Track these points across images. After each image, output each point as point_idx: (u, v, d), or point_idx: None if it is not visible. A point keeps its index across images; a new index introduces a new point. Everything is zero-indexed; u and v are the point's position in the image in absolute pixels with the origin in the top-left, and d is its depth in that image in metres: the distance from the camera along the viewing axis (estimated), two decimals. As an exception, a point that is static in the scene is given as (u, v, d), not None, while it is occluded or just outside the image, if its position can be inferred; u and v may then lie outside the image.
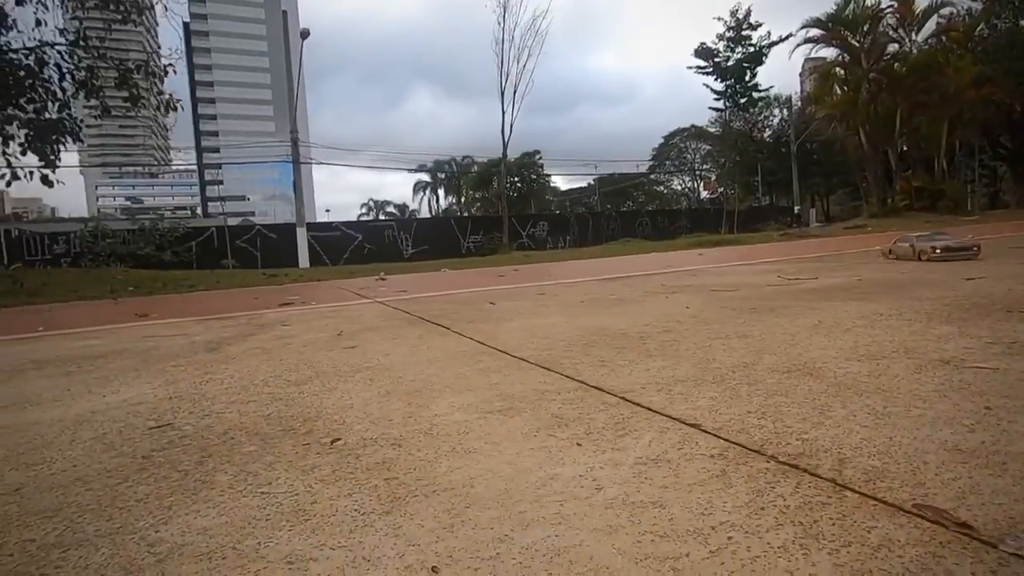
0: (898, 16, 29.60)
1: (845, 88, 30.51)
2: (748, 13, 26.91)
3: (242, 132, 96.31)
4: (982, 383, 2.51)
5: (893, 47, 30.54)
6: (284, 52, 27.56)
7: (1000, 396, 2.33)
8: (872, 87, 29.13)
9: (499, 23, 25.37)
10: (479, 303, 6.84)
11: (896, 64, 29.77)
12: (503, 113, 26.52)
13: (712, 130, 51.34)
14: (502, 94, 26.09)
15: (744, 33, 26.96)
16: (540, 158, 48.22)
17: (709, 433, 2.13)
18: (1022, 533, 1.35)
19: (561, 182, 75.42)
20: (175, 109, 16.48)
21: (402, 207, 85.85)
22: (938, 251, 6.79)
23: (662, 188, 70.78)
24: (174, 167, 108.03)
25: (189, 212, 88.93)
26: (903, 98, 28.45)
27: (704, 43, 27.55)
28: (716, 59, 27.71)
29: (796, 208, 40.83)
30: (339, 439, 2.34)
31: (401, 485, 1.86)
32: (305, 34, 27.32)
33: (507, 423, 2.40)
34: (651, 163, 66.53)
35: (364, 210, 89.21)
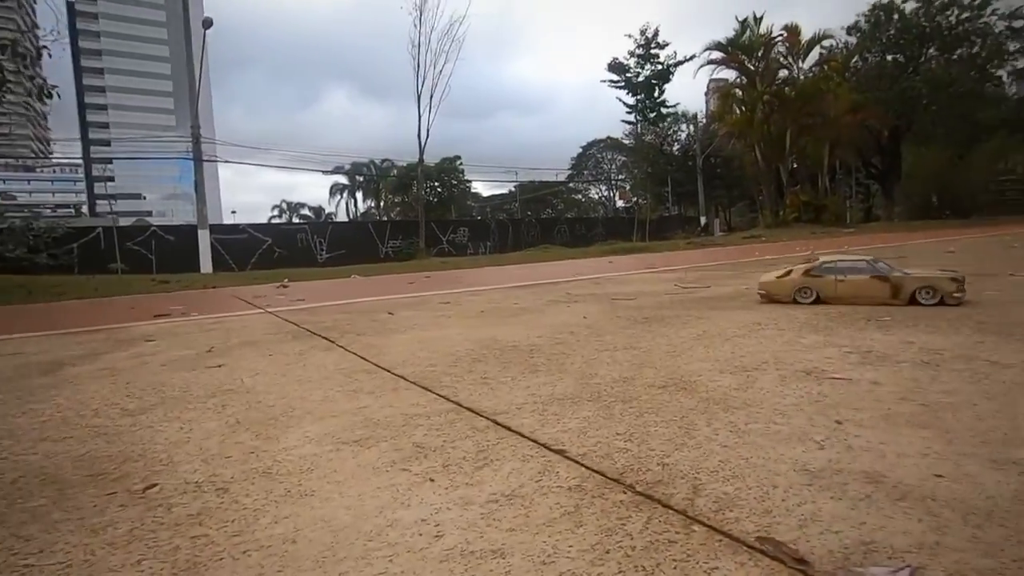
0: (787, 45, 32.43)
1: (743, 108, 32.92)
2: (656, 33, 28.51)
3: (138, 125, 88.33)
4: (836, 395, 2.60)
5: (784, 73, 33.40)
6: (185, 41, 25.33)
7: (850, 408, 2.40)
8: (766, 108, 31.64)
9: (415, 26, 24.96)
10: (377, 313, 6.50)
11: (787, 88, 32.52)
12: (419, 117, 26.10)
13: (626, 142, 53.71)
14: (418, 98, 25.71)
15: (653, 51, 28.47)
16: (461, 163, 47.99)
17: (572, 460, 2.01)
18: (853, 567, 1.31)
19: (483, 188, 75.54)
20: (50, 96, 14.71)
21: (318, 210, 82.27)
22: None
23: (580, 196, 72.89)
24: (55, 160, 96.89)
25: (73, 211, 79.79)
26: (792, 120, 31.12)
27: (616, 58, 28.81)
28: (627, 74, 29.00)
29: (702, 219, 43.44)
30: (155, 485, 1.99)
31: (209, 545, 1.57)
32: (207, 23, 25.42)
33: (360, 456, 2.16)
34: (570, 172, 68.39)
35: (276, 212, 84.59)
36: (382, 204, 66.87)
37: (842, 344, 3.66)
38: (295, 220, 72.93)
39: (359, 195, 72.88)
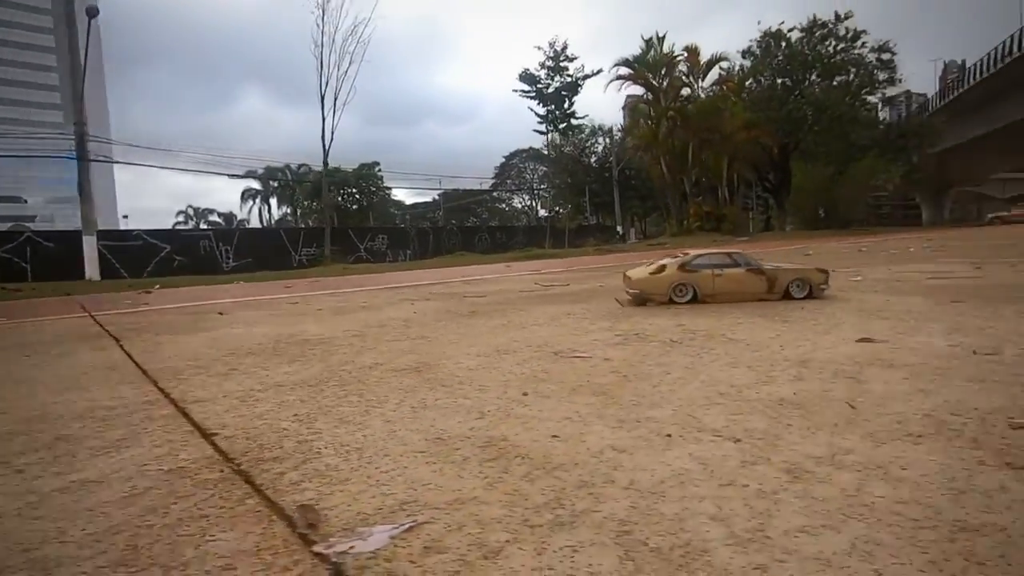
0: (688, 64, 34.48)
1: (649, 122, 34.57)
2: (565, 46, 29.53)
3: (20, 120, 79.90)
4: (559, 371, 2.62)
5: (686, 91, 35.41)
6: (68, 30, 23.05)
7: (555, 383, 2.42)
8: (670, 123, 33.36)
9: (318, 26, 24.23)
10: (209, 314, 6.08)
11: (689, 105, 34.49)
12: (323, 120, 25.29)
13: (547, 153, 54.89)
14: (322, 100, 24.91)
15: (562, 64, 29.36)
16: (380, 170, 47.05)
17: (211, 440, 1.86)
18: (359, 528, 1.24)
19: (407, 196, 74.53)
20: None
21: (228, 216, 77.83)
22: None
23: (504, 206, 73.50)
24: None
25: (-63, 215, 70.74)
26: (693, 135, 33.00)
27: (527, 69, 29.51)
28: (539, 85, 29.73)
29: (619, 228, 45.04)
30: None
31: None
32: (92, 11, 23.42)
33: (-20, 450, 1.90)
34: (493, 181, 68.88)
35: (181, 218, 79.20)
36: (298, 211, 64.33)
37: (622, 328, 3.76)
38: (202, 226, 68.57)
39: (273, 201, 69.67)
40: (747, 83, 36.99)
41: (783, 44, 36.14)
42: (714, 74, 36.19)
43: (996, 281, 5.72)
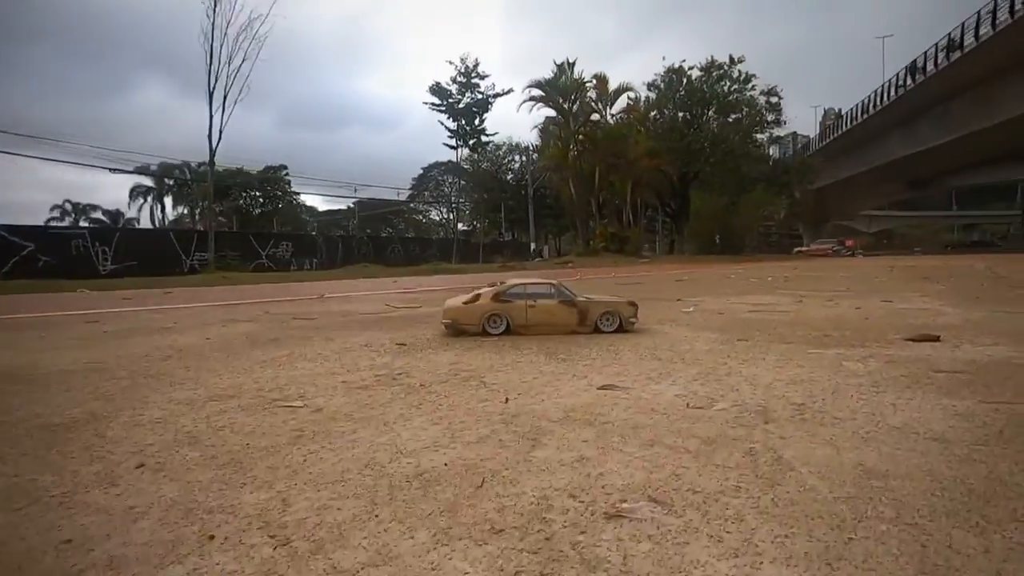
0: (597, 91, 35.87)
1: (559, 144, 35.50)
2: (476, 63, 29.71)
3: None
4: (243, 424, 2.33)
5: (595, 116, 36.76)
6: None
7: (255, 437, 2.11)
8: (579, 146, 34.38)
9: (208, 16, 22.58)
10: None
11: (597, 131, 35.80)
12: (210, 117, 23.57)
13: (465, 166, 54.91)
14: (209, 96, 23.22)
15: (474, 81, 29.50)
16: (287, 173, 44.84)
17: None
18: None
19: (321, 203, 71.63)
20: None
21: (115, 214, 70.80)
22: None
23: (421, 217, 72.56)
24: None
25: None
26: (601, 159, 34.24)
27: (438, 82, 29.36)
28: (449, 99, 29.62)
29: (533, 244, 45.71)
30: None
31: None
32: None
33: None
34: (410, 192, 67.83)
35: (57, 214, 71.09)
36: (196, 212, 59.88)
37: (393, 366, 3.53)
38: (82, 224, 61.96)
39: (168, 200, 64.35)
40: (651, 114, 39.04)
41: (684, 80, 38.53)
42: (622, 102, 37.93)
43: (801, 316, 6.12)
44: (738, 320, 5.94)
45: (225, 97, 23.66)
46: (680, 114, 38.83)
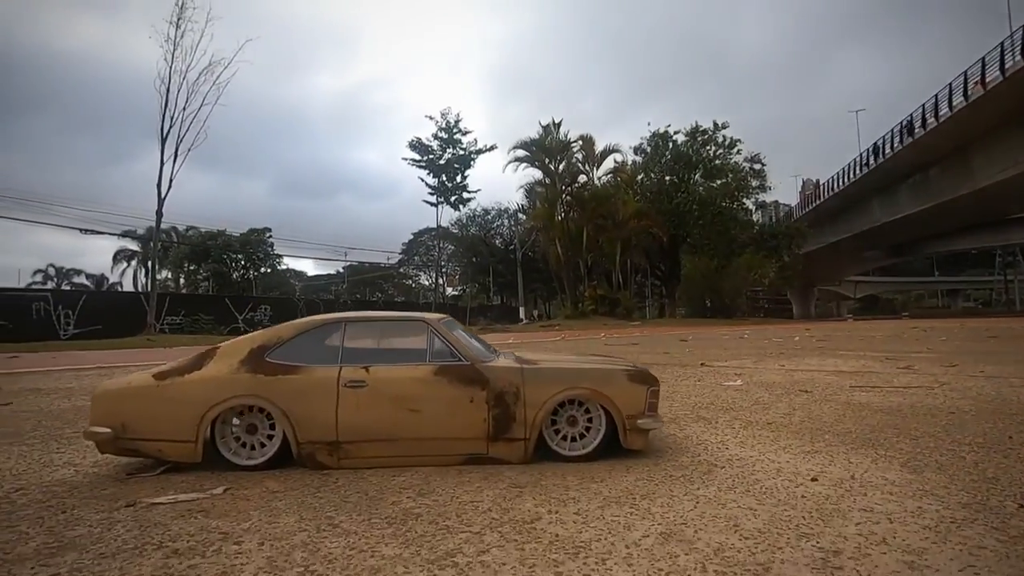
0: (584, 153, 36.34)
1: (545, 204, 35.46)
2: (458, 119, 30.08)
3: None
4: None
5: (583, 178, 37.07)
6: None
7: None
8: (565, 207, 34.27)
9: (166, 60, 22.21)
10: None
11: (585, 191, 35.93)
12: (161, 164, 22.74)
13: (454, 231, 54.91)
14: (162, 141, 22.52)
15: (455, 136, 29.67)
16: (270, 236, 44.17)
17: None
18: None
19: (310, 267, 71.20)
20: None
21: (99, 278, 69.73)
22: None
23: (411, 282, 71.99)
24: None
25: None
26: (588, 219, 34.10)
27: (418, 138, 29.55)
28: (430, 155, 29.63)
29: (521, 308, 44.82)
30: None
31: None
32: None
33: None
34: (400, 256, 67.54)
35: (39, 278, 69.78)
36: (181, 276, 58.69)
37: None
38: (65, 287, 60.36)
39: (155, 264, 63.20)
40: (639, 176, 39.49)
41: (670, 144, 39.33)
42: (608, 164, 38.41)
43: (977, 399, 4.71)
44: (856, 408, 4.47)
45: (179, 144, 22.95)
46: (667, 177, 39.30)
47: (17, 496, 2.71)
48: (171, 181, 23.02)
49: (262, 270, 47.13)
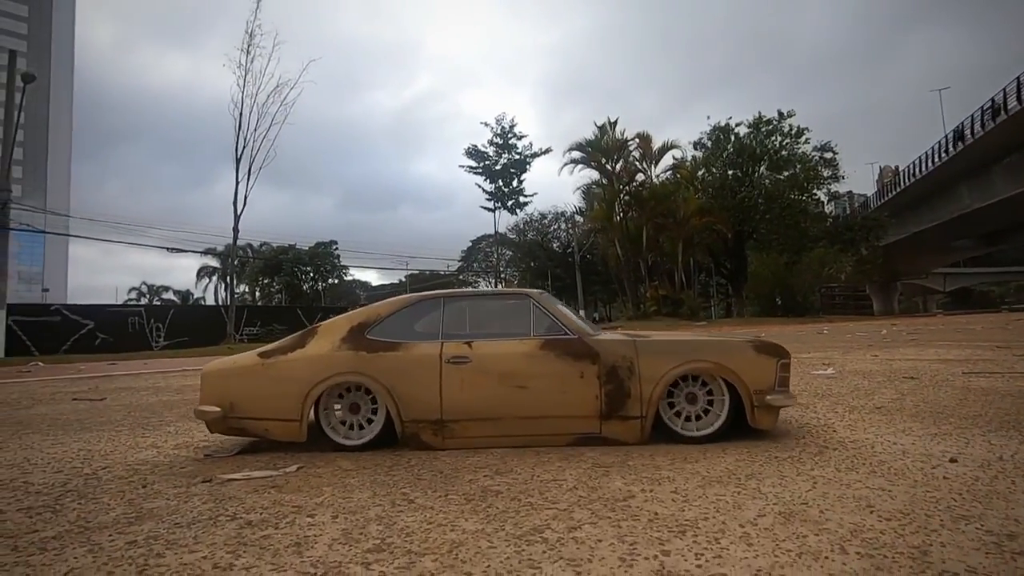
0: (641, 151, 35.39)
1: (603, 205, 34.75)
2: (513, 123, 30.09)
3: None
4: None
5: (640, 176, 36.10)
6: (7, 97, 22.07)
7: None
8: (624, 206, 33.48)
9: (238, 85, 23.62)
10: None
11: (643, 190, 34.96)
12: (236, 183, 24.04)
13: (512, 236, 55.16)
14: (237, 162, 23.85)
15: (511, 142, 29.63)
16: (336, 248, 45.94)
17: None
18: None
19: (374, 278, 73.78)
20: None
21: (185, 294, 75.35)
22: None
23: (471, 288, 72.91)
24: None
25: None
26: (648, 218, 33.13)
27: (474, 145, 29.74)
28: (486, 161, 29.77)
29: (581, 311, 44.21)
30: None
31: None
32: (28, 78, 22.90)
33: None
34: (460, 264, 68.51)
35: (134, 295, 76.25)
36: (256, 288, 62.24)
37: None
38: (155, 303, 65.56)
39: (232, 279, 67.44)
40: (699, 172, 38.03)
41: (732, 137, 37.68)
42: (667, 162, 37.23)
43: None
44: (979, 392, 3.98)
45: (251, 164, 24.23)
46: (730, 172, 37.62)
47: (103, 473, 2.76)
48: (246, 199, 24.39)
49: (330, 281, 49.08)
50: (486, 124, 30.94)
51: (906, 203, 44.55)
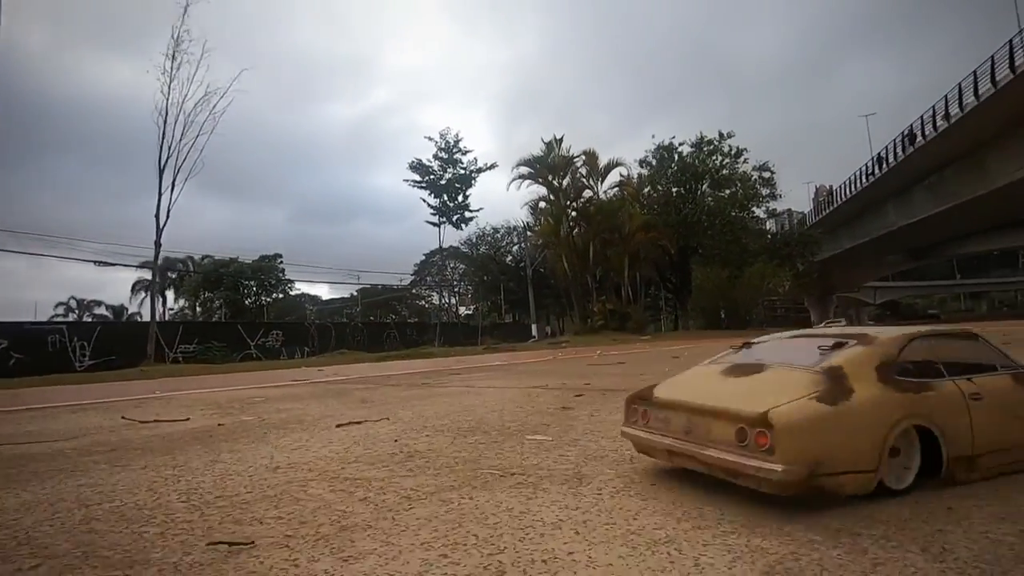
0: (588, 167, 36.18)
1: (550, 220, 35.27)
2: (458, 138, 30.21)
3: None
4: None
5: (587, 192, 36.86)
6: None
7: None
8: (571, 222, 34.03)
9: (163, 92, 22.32)
10: None
11: (590, 206, 35.69)
12: (159, 194, 22.68)
13: (464, 250, 55.06)
14: (160, 171, 22.52)
15: (456, 156, 29.75)
16: (281, 261, 44.61)
17: None
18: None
19: (325, 292, 71.87)
20: None
21: (119, 309, 71.18)
22: None
23: (423, 302, 72.13)
24: None
25: None
26: (595, 234, 33.79)
27: (419, 159, 29.65)
28: (431, 176, 29.70)
29: (533, 325, 44.40)
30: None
31: None
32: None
33: None
34: (412, 277, 67.78)
35: (61, 310, 71.47)
36: (197, 304, 59.60)
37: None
38: (85, 319, 61.68)
39: (171, 294, 64.40)
40: (645, 190, 39.16)
41: (676, 156, 39.01)
42: (613, 178, 38.18)
43: None
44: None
45: (176, 174, 22.93)
46: (674, 189, 38.91)
47: None
48: (169, 210, 23.01)
49: (274, 296, 47.49)
50: (430, 139, 30.93)
51: (839, 220, 47.12)
